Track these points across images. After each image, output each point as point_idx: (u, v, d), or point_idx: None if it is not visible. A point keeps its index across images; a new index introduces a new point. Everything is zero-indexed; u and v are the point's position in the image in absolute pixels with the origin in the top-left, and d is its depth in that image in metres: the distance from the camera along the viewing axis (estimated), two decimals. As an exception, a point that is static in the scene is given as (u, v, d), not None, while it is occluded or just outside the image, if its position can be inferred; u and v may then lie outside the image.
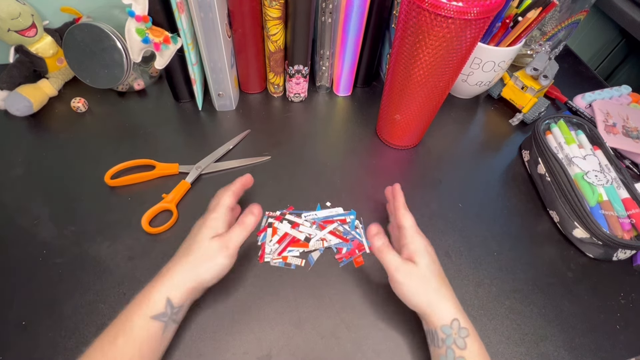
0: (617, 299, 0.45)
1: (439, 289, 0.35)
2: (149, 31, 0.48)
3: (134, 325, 0.31)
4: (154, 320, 0.31)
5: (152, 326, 0.31)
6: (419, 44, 0.41)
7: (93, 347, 0.30)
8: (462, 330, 0.33)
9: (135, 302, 0.32)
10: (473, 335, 0.33)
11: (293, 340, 0.39)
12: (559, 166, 0.49)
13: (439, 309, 0.34)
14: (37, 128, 0.56)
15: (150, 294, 0.32)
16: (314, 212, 0.48)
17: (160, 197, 0.48)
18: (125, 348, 0.30)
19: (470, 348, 0.32)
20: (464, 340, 0.32)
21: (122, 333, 0.30)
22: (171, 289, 0.33)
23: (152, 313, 0.31)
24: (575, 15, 0.65)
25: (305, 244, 0.45)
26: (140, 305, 0.32)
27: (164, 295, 0.32)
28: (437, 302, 0.34)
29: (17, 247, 0.43)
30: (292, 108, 0.63)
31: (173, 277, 0.33)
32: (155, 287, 0.33)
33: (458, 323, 0.33)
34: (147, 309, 0.31)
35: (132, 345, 0.30)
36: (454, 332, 0.33)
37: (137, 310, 0.31)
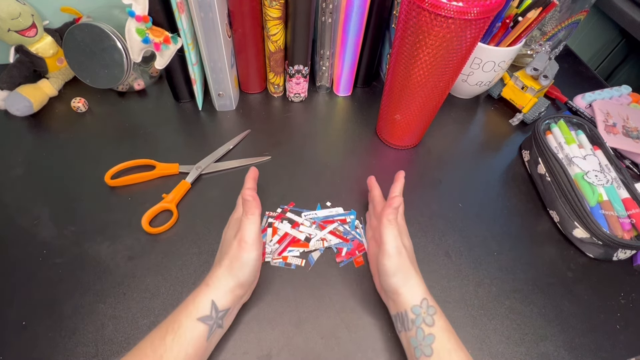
0: (617, 299, 0.45)
1: (415, 269, 0.36)
2: (149, 31, 0.48)
3: (181, 326, 0.32)
4: (199, 322, 0.32)
5: (198, 328, 0.32)
6: (419, 44, 0.41)
7: (144, 341, 0.32)
8: (430, 308, 0.34)
9: (183, 304, 0.34)
10: (439, 312, 0.34)
11: (293, 340, 0.39)
12: (559, 166, 0.49)
13: (411, 289, 0.35)
14: (37, 128, 0.56)
15: (196, 297, 0.34)
16: (313, 212, 0.48)
17: (161, 197, 0.48)
18: (173, 346, 0.31)
19: (437, 324, 0.33)
20: (432, 318, 0.33)
21: (171, 331, 0.31)
22: (215, 293, 0.34)
23: (198, 315, 0.33)
24: (575, 15, 0.65)
25: (305, 244, 0.45)
26: (187, 307, 0.33)
27: (208, 298, 0.33)
28: (410, 282, 0.35)
29: (17, 247, 0.43)
30: (292, 108, 0.63)
31: (215, 281, 0.34)
32: (201, 290, 0.34)
33: (427, 302, 0.34)
34: (193, 310, 0.33)
35: (179, 344, 0.31)
36: (423, 311, 0.34)
37: (184, 312, 0.33)
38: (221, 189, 0.51)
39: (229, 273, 0.35)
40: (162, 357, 0.30)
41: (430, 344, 0.32)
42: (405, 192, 0.52)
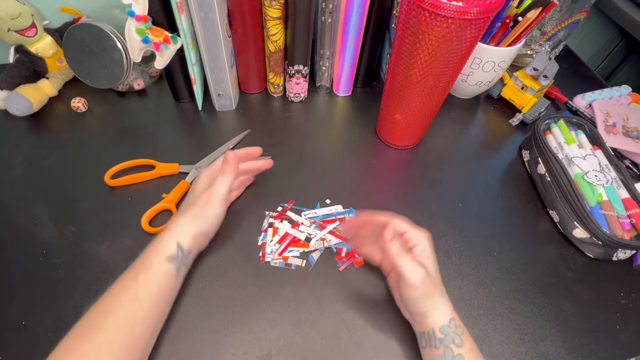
0: (617, 299, 0.45)
1: (441, 292, 0.35)
2: (149, 31, 0.48)
3: (152, 265, 0.35)
4: (168, 262, 0.36)
5: (168, 267, 0.36)
6: (419, 43, 0.41)
7: (116, 284, 0.34)
8: (458, 328, 0.33)
9: (150, 247, 0.37)
10: (466, 332, 0.34)
11: (293, 340, 0.39)
12: (559, 166, 0.49)
13: (439, 310, 0.34)
14: (37, 128, 0.56)
15: (163, 239, 0.37)
16: (313, 211, 0.48)
17: (160, 197, 0.48)
18: (147, 284, 0.34)
19: (465, 344, 0.33)
20: (460, 338, 0.33)
21: (143, 271, 0.34)
22: (180, 236, 0.37)
23: (166, 254, 0.36)
24: (575, 15, 0.65)
25: (305, 244, 0.45)
26: (155, 249, 0.36)
27: (174, 240, 0.37)
28: (437, 305, 0.34)
29: (17, 247, 0.43)
30: (292, 108, 0.63)
31: (178, 227, 0.38)
32: (166, 233, 0.37)
33: (454, 322, 0.34)
34: (162, 251, 0.36)
35: (152, 282, 0.34)
36: (452, 331, 0.33)
37: (152, 252, 0.36)
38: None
39: (192, 222, 0.38)
40: (136, 293, 0.33)
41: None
42: (405, 192, 0.53)
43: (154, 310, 0.34)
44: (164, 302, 0.36)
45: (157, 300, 0.34)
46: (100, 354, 0.30)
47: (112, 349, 0.31)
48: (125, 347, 0.31)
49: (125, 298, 0.33)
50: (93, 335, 0.31)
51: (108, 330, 0.31)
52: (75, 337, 0.31)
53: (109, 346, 0.31)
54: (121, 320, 0.32)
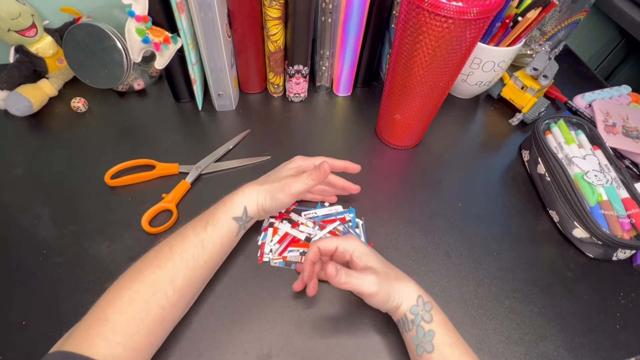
0: (617, 299, 0.45)
1: (397, 277, 0.36)
2: (149, 31, 0.48)
3: (219, 219, 0.38)
4: (233, 220, 0.39)
5: (232, 224, 0.39)
6: (419, 44, 0.41)
7: (185, 228, 0.38)
8: (427, 304, 0.35)
9: (220, 204, 0.40)
10: (435, 307, 0.35)
11: (293, 340, 0.39)
12: (559, 166, 0.49)
13: (405, 294, 0.35)
14: (37, 128, 0.56)
15: (233, 200, 0.40)
16: (314, 210, 0.48)
17: (160, 197, 0.48)
18: (213, 235, 0.37)
19: (435, 319, 0.34)
20: (429, 314, 0.34)
21: (211, 223, 0.38)
22: (247, 201, 0.40)
23: (233, 214, 0.39)
24: (575, 15, 0.65)
25: (305, 244, 0.45)
26: (225, 206, 0.40)
27: (242, 203, 0.40)
28: (402, 289, 0.35)
29: (17, 247, 0.43)
30: (292, 108, 0.63)
31: (250, 193, 0.41)
32: (237, 195, 0.41)
33: (422, 299, 0.35)
34: (230, 210, 0.39)
35: (217, 234, 0.38)
36: (420, 309, 0.34)
37: (222, 209, 0.39)
38: (221, 189, 0.50)
39: (261, 194, 0.41)
40: (203, 241, 0.37)
41: (431, 340, 0.33)
42: (405, 192, 0.53)
43: (213, 260, 0.38)
44: (221, 255, 0.39)
45: (218, 251, 0.38)
46: (164, 283, 0.33)
47: (174, 283, 0.34)
48: (184, 285, 0.35)
49: (193, 242, 0.36)
50: (162, 264, 0.34)
51: (174, 264, 0.34)
52: (147, 262, 0.35)
53: (172, 278, 0.34)
54: (186, 259, 0.35)
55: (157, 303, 0.33)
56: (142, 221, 0.45)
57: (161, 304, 0.33)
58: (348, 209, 0.49)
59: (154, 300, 0.32)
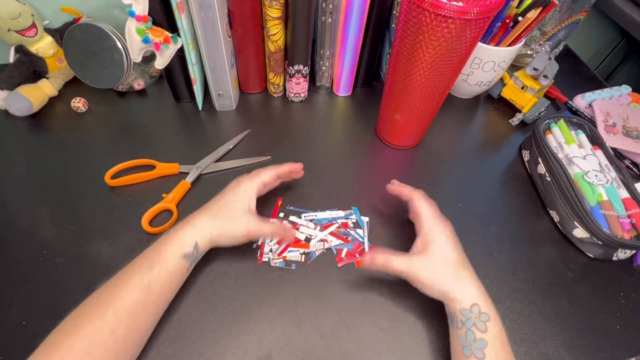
0: (617, 299, 0.45)
1: (455, 274, 0.36)
2: (149, 31, 0.48)
3: (167, 259, 0.36)
4: (183, 259, 0.37)
5: (182, 262, 0.37)
6: (419, 44, 0.41)
7: (128, 271, 0.35)
8: (483, 315, 0.34)
9: (168, 238, 0.37)
10: (494, 320, 0.34)
11: (293, 340, 0.39)
12: (559, 166, 0.49)
13: (459, 294, 0.35)
14: (37, 128, 0.56)
15: (183, 234, 0.37)
16: (313, 213, 0.48)
17: (161, 197, 0.48)
18: (160, 276, 0.35)
19: (491, 331, 0.33)
20: (484, 324, 0.33)
21: (157, 264, 0.35)
22: (199, 236, 0.38)
23: (183, 252, 0.37)
24: (575, 15, 0.65)
25: (306, 245, 0.45)
26: (173, 243, 0.37)
27: (193, 239, 0.37)
28: (455, 289, 0.35)
29: (17, 247, 0.43)
30: (292, 108, 0.63)
31: (201, 227, 0.38)
32: (187, 229, 0.38)
33: (478, 308, 0.34)
34: (178, 247, 0.36)
35: (165, 274, 0.35)
36: (474, 316, 0.34)
37: (171, 246, 0.36)
38: (221, 189, 0.50)
39: (216, 230, 0.38)
40: (149, 284, 0.34)
41: (482, 348, 0.33)
42: (405, 192, 0.52)
43: (161, 301, 0.36)
44: (170, 293, 0.37)
45: (166, 291, 0.36)
46: (102, 334, 0.30)
47: (115, 333, 0.31)
48: (127, 333, 0.32)
49: (138, 285, 0.34)
50: (101, 313, 0.31)
51: (115, 312, 0.32)
52: (84, 313, 0.32)
53: (112, 329, 0.31)
54: (129, 306, 0.32)
55: (95, 356, 0.30)
56: (142, 221, 0.45)
57: (100, 356, 0.30)
58: (348, 213, 0.49)
59: (90, 354, 0.29)
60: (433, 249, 0.37)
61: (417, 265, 0.36)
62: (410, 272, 0.36)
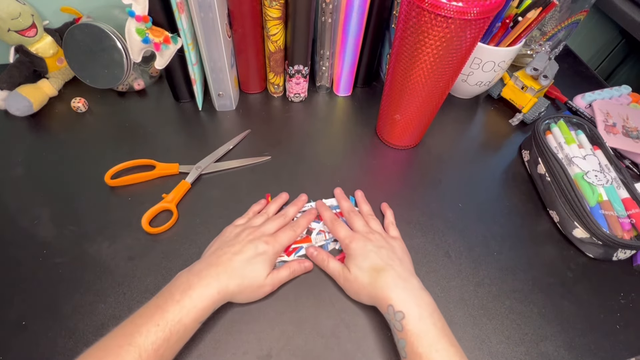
0: (617, 299, 0.45)
1: (371, 282, 0.38)
2: (149, 31, 0.48)
3: (187, 327, 0.33)
4: (199, 323, 0.35)
5: (197, 326, 0.35)
6: (419, 44, 0.41)
7: (137, 328, 0.32)
8: (397, 314, 0.35)
9: (149, 315, 0.33)
10: (409, 315, 0.34)
11: (293, 340, 0.39)
12: (559, 166, 0.49)
13: (378, 300, 0.37)
14: (37, 128, 0.56)
15: (204, 303, 0.35)
16: (309, 204, 0.49)
17: (161, 197, 0.48)
18: (170, 343, 0.32)
19: (405, 328, 0.34)
20: (400, 323, 0.35)
21: (175, 333, 0.32)
22: (219, 302, 0.37)
23: (202, 319, 0.35)
24: (575, 15, 0.65)
25: (307, 238, 0.46)
26: (195, 308, 0.34)
27: (213, 307, 0.36)
28: (374, 295, 0.37)
29: (17, 247, 0.43)
30: (292, 108, 0.63)
31: (227, 295, 0.37)
32: (210, 297, 0.35)
33: (392, 308, 0.35)
34: (199, 315, 0.34)
35: (175, 342, 0.33)
36: (391, 317, 0.35)
37: (190, 313, 0.34)
38: (221, 189, 0.51)
39: (237, 299, 0.38)
40: (157, 349, 0.31)
41: (404, 347, 0.34)
42: (405, 192, 0.53)
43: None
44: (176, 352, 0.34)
45: (172, 351, 0.33)
46: None
47: None
48: None
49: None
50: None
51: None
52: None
53: None
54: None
55: None
56: (142, 221, 0.45)
57: None
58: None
59: None
60: (350, 264, 0.40)
61: (344, 276, 0.40)
62: (339, 278, 0.40)
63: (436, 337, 0.33)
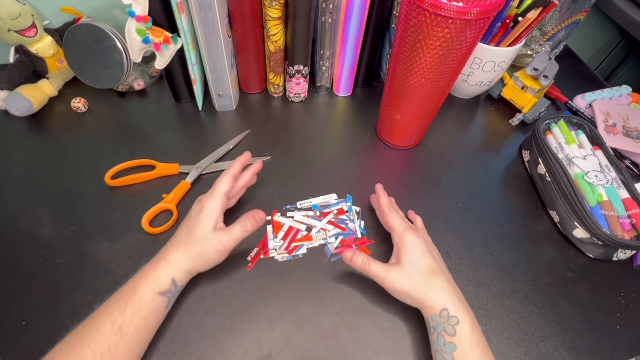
0: (617, 299, 0.45)
1: (427, 282, 0.37)
2: (149, 31, 0.48)
3: (142, 299, 0.34)
4: (160, 296, 0.35)
5: (158, 300, 0.35)
6: (419, 44, 0.41)
7: (101, 313, 0.33)
8: (451, 318, 0.34)
9: (143, 278, 0.35)
10: (463, 322, 0.34)
11: (293, 340, 0.39)
12: (559, 166, 0.49)
13: (429, 301, 0.36)
14: (37, 128, 0.56)
15: (157, 272, 0.35)
16: (308, 200, 0.49)
17: (161, 197, 0.48)
18: (134, 318, 0.33)
19: (459, 334, 0.34)
20: (453, 328, 0.34)
21: (131, 304, 0.33)
22: (175, 271, 0.36)
23: (159, 290, 0.35)
24: (575, 15, 0.65)
25: (309, 237, 0.46)
26: (149, 282, 0.35)
27: (169, 275, 0.36)
28: (426, 296, 0.36)
29: (17, 247, 0.43)
30: (292, 108, 0.63)
31: (177, 262, 0.36)
32: (162, 266, 0.36)
33: (447, 312, 0.35)
34: (155, 286, 0.35)
35: (139, 315, 0.33)
36: (443, 320, 0.35)
37: (145, 286, 0.34)
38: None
39: (191, 260, 0.37)
40: (121, 328, 0.32)
41: (452, 351, 0.33)
42: (405, 192, 0.53)
43: (136, 344, 0.33)
44: (148, 334, 0.35)
45: (142, 333, 0.34)
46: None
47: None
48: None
49: (110, 331, 0.31)
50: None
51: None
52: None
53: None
54: (100, 354, 0.30)
55: None
56: (142, 221, 0.45)
57: None
58: (344, 199, 0.50)
59: None
60: (405, 260, 0.38)
61: (392, 275, 0.37)
62: (386, 280, 0.37)
63: (485, 349, 0.34)
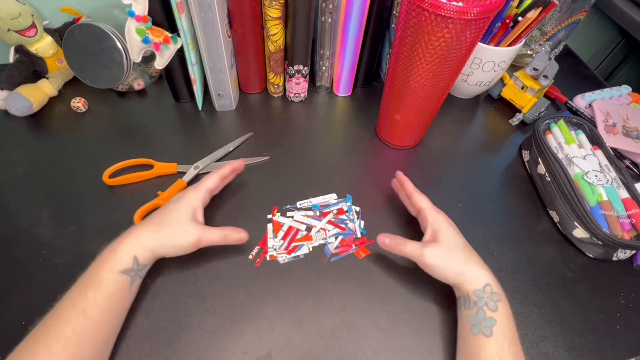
0: (617, 299, 0.45)
1: (466, 259, 0.37)
2: (149, 31, 0.48)
3: (103, 279, 0.33)
4: (122, 274, 0.34)
5: (121, 279, 0.34)
6: (419, 44, 0.41)
7: (63, 300, 0.33)
8: (494, 294, 0.35)
9: (102, 258, 0.34)
10: (504, 301, 0.35)
11: (293, 340, 0.39)
12: (559, 166, 0.49)
13: (470, 277, 0.36)
14: (37, 128, 0.56)
15: (117, 250, 0.35)
16: (308, 200, 0.49)
17: (157, 196, 0.48)
18: (96, 298, 0.32)
19: (500, 310, 0.34)
20: (495, 304, 0.34)
21: (91, 286, 0.33)
22: (138, 249, 0.35)
23: (120, 268, 0.34)
24: (575, 15, 0.65)
25: (308, 237, 0.46)
26: (108, 261, 0.34)
27: (130, 253, 0.35)
28: (467, 271, 0.36)
29: (17, 247, 0.43)
30: (292, 108, 0.63)
31: (142, 239, 0.36)
32: (122, 244, 0.35)
33: (490, 288, 0.35)
34: (115, 264, 0.34)
35: (102, 296, 0.32)
36: (486, 295, 0.35)
37: (105, 266, 0.34)
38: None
39: (160, 242, 0.36)
40: (85, 311, 0.31)
41: (491, 326, 0.33)
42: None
43: (104, 327, 0.33)
44: (115, 316, 0.34)
45: (108, 315, 0.33)
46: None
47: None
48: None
49: (72, 314, 0.31)
50: (33, 352, 0.29)
51: (49, 348, 0.29)
52: (16, 357, 0.30)
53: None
54: (65, 338, 0.30)
55: None
56: (134, 218, 0.45)
57: None
58: (344, 199, 0.50)
59: None
60: (442, 237, 0.38)
61: (430, 252, 0.37)
62: (425, 256, 0.37)
63: (514, 326, 0.35)
